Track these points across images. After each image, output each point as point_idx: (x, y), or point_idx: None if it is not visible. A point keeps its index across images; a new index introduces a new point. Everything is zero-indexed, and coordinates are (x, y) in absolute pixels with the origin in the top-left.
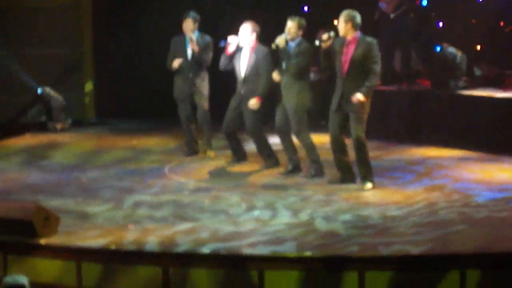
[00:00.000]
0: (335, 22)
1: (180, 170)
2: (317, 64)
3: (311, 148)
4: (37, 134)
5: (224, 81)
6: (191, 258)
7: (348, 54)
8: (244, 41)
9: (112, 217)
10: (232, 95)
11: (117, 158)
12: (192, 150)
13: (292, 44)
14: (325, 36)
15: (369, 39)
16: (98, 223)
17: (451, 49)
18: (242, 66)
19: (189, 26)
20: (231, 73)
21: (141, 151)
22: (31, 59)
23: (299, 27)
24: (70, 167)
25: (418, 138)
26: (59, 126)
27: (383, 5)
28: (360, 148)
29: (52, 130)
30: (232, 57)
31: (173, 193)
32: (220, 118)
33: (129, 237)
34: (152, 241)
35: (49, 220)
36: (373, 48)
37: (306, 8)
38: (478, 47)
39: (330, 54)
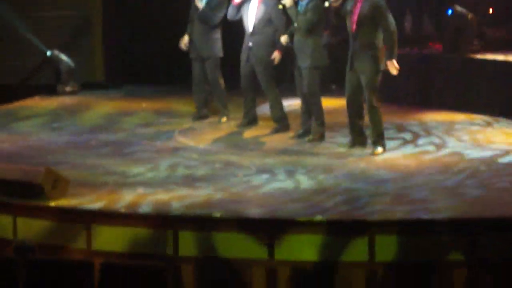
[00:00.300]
0: None
1: (190, 134)
2: (327, 26)
3: (321, 109)
4: (46, 97)
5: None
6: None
7: (355, 13)
8: None
9: (122, 180)
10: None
11: (126, 122)
12: (200, 114)
13: (303, 3)
14: None
15: None
16: (108, 186)
17: (463, 11)
18: (250, 18)
19: None
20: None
21: (151, 114)
22: (40, 21)
23: None
24: (80, 130)
25: (429, 102)
26: (68, 88)
27: None
28: (372, 112)
29: (61, 92)
30: (239, 7)
31: (182, 157)
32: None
33: (138, 199)
34: (152, 203)
35: (59, 182)
36: (379, 3)
37: None
38: (490, 10)
39: (341, 15)
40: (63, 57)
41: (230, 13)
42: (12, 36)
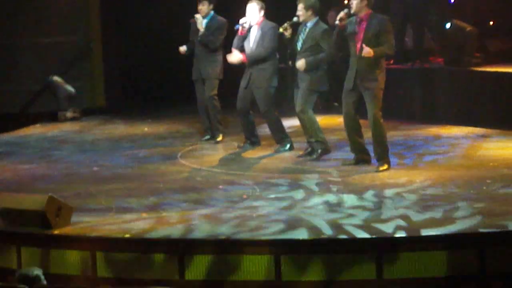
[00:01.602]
0: (346, 1)
1: (193, 155)
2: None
3: (313, 123)
4: (47, 124)
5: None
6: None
7: (360, 32)
8: (253, 19)
9: (125, 205)
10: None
11: (128, 146)
12: (207, 134)
13: (308, 24)
14: (342, 14)
15: (380, 15)
16: (112, 213)
17: (462, 24)
18: (251, 44)
19: (203, 7)
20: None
21: (153, 137)
22: (40, 47)
23: (308, 7)
24: (82, 156)
25: (432, 116)
26: (69, 115)
27: None
28: (376, 127)
29: (62, 119)
30: (245, 37)
31: (186, 179)
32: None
33: (142, 224)
34: (168, 228)
35: (62, 210)
36: (385, 24)
37: None
38: (491, 23)
39: (344, 35)
40: (64, 83)
41: (236, 43)
42: (11, 63)
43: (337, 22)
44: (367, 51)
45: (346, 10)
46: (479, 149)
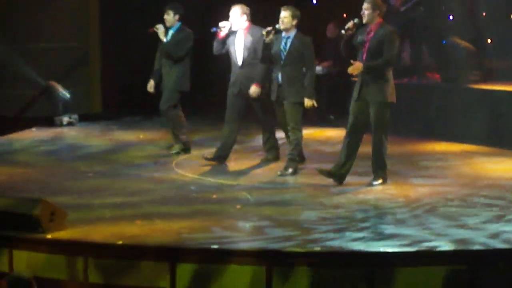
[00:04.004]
0: (344, 15)
1: (188, 164)
2: (326, 57)
3: (299, 145)
4: (43, 128)
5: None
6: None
7: (367, 41)
8: (236, 24)
9: (119, 212)
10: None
11: (123, 153)
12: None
13: (291, 35)
14: (350, 24)
15: (386, 26)
16: (105, 218)
17: (460, 42)
18: (238, 51)
19: (168, 17)
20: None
21: (147, 144)
22: (38, 53)
23: (294, 17)
24: (77, 162)
25: (428, 132)
26: (65, 120)
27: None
28: (377, 142)
29: (58, 124)
30: (224, 41)
31: (180, 188)
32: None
33: (136, 231)
34: (160, 235)
35: (56, 215)
36: (389, 34)
37: (314, 1)
38: (489, 41)
39: (353, 44)
40: (60, 88)
41: (216, 47)
42: (9, 68)
43: (343, 31)
44: (354, 67)
45: (356, 20)
46: (474, 166)
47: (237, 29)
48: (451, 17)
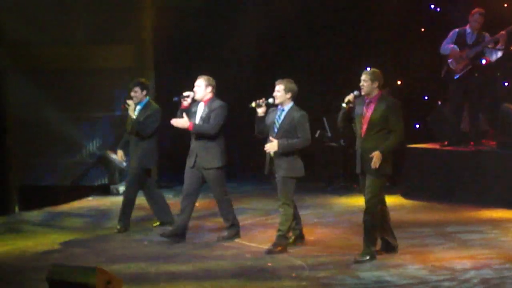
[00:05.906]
0: None
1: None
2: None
3: (289, 221)
4: (99, 197)
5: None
6: None
7: (367, 113)
8: (199, 95)
9: (174, 281)
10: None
11: None
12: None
13: (285, 108)
14: (351, 97)
15: (390, 98)
16: (159, 285)
17: None
18: (196, 120)
19: (136, 94)
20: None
21: (202, 211)
22: (92, 122)
23: (287, 90)
24: (131, 231)
25: (484, 199)
26: (121, 189)
27: (452, 63)
28: (369, 214)
29: (114, 193)
30: (187, 111)
31: (236, 257)
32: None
33: None
34: None
35: (112, 283)
36: (394, 107)
37: None
38: None
39: (351, 117)
40: (115, 157)
41: (178, 116)
42: (64, 137)
43: (344, 104)
44: (374, 157)
45: (356, 93)
46: None
47: (199, 100)
48: (506, 83)
